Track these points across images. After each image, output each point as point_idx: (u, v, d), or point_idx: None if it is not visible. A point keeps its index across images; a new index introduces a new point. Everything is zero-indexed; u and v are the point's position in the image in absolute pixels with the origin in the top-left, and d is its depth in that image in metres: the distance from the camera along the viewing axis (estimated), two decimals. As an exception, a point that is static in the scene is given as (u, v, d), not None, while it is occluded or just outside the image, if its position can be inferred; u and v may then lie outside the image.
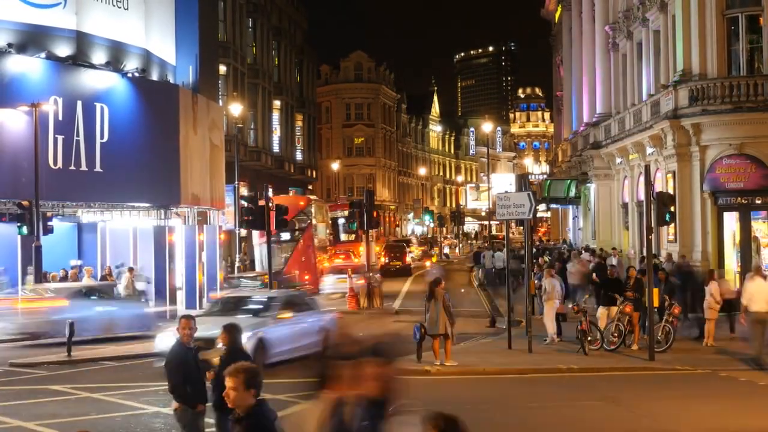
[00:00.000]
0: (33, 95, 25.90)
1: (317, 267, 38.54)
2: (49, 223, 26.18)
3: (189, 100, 33.38)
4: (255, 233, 37.10)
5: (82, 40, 29.28)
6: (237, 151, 41.81)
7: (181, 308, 29.15)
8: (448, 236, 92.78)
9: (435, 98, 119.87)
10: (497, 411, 14.22)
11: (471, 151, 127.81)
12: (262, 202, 27.28)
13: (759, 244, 27.22)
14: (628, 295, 20.17)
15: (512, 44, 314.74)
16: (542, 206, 52.39)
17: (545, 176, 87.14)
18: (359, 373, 6.65)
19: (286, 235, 36.23)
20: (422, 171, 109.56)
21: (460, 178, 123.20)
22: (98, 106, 28.95)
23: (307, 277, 35.89)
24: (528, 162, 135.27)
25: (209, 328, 14.32)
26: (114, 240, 30.10)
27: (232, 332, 9.88)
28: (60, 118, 27.58)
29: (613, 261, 29.12)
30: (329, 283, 36.90)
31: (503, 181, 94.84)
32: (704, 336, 20.55)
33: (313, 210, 40.76)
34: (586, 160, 42.84)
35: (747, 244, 27.09)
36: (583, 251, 35.71)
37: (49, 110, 26.83)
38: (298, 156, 68.72)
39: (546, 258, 36.33)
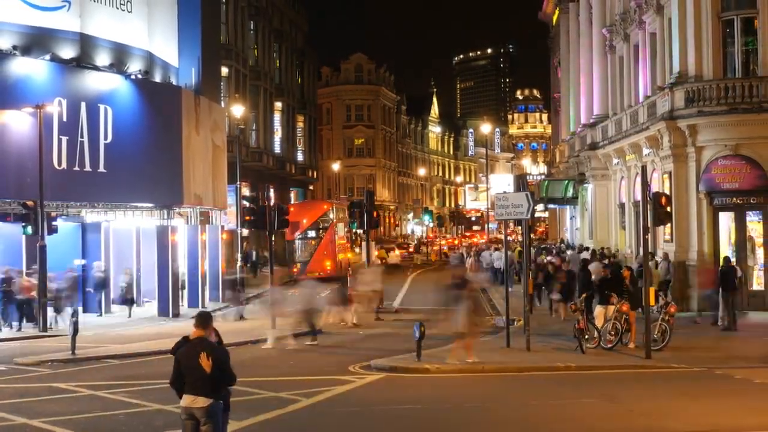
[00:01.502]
0: (37, 97, 26.17)
1: (337, 257, 46.33)
2: (54, 223, 26.39)
3: (191, 102, 33.65)
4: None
5: (86, 43, 29.55)
6: (239, 151, 42.16)
7: (183, 306, 29.49)
8: (447, 236, 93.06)
9: (434, 100, 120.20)
10: (498, 408, 14.45)
11: (470, 152, 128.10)
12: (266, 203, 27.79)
13: (754, 244, 27.45)
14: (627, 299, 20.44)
15: (510, 46, 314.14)
16: (540, 206, 52.53)
17: (543, 177, 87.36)
18: None
19: (312, 233, 46.04)
20: (422, 171, 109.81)
21: (459, 179, 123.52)
22: (102, 107, 29.24)
23: (329, 265, 44.36)
24: (526, 163, 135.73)
25: None
26: (117, 240, 30.33)
27: None
28: (64, 119, 27.84)
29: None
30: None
31: (502, 181, 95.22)
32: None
33: (333, 212, 48.62)
34: (584, 160, 43.09)
35: (742, 243, 27.31)
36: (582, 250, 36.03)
37: (53, 111, 27.09)
38: (299, 157, 68.98)
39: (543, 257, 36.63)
